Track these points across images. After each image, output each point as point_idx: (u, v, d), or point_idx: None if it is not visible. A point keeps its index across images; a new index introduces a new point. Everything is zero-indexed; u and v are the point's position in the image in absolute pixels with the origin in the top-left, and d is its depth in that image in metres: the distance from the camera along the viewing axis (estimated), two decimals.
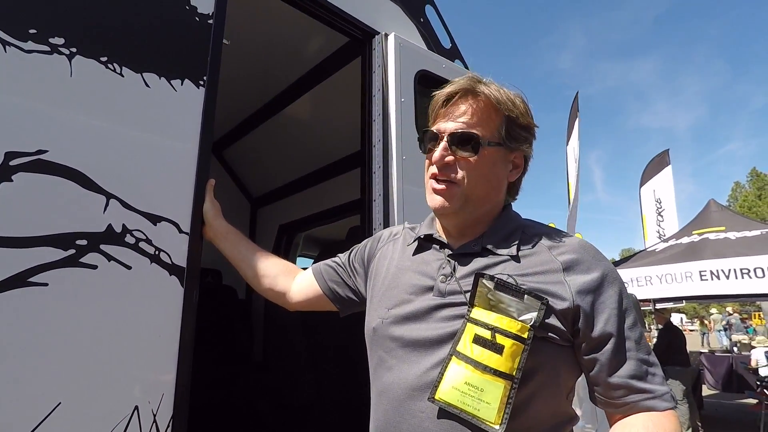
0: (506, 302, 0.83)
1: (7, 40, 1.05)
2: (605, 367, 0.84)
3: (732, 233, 6.05)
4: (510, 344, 0.80)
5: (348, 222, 3.30)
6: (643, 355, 0.85)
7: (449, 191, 0.93)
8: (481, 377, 0.79)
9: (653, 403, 0.83)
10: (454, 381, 0.80)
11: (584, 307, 0.85)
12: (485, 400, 0.78)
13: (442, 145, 0.93)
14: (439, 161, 0.93)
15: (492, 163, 0.95)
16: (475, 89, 0.93)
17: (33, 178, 1.05)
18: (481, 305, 0.85)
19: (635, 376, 0.84)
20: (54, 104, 1.11)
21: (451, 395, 0.79)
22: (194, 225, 1.31)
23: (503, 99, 0.93)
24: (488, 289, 0.85)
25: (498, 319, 0.82)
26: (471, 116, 0.93)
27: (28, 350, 0.99)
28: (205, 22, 1.44)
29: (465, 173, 0.93)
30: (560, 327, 0.84)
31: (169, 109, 1.31)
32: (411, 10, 2.35)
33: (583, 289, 0.86)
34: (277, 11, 2.25)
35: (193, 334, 1.26)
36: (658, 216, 11.47)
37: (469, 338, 0.82)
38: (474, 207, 0.96)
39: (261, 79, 3.03)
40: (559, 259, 0.90)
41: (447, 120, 0.95)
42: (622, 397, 0.84)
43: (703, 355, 8.76)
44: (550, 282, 0.87)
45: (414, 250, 1.04)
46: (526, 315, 0.82)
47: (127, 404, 1.10)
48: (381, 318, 0.97)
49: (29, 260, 1.01)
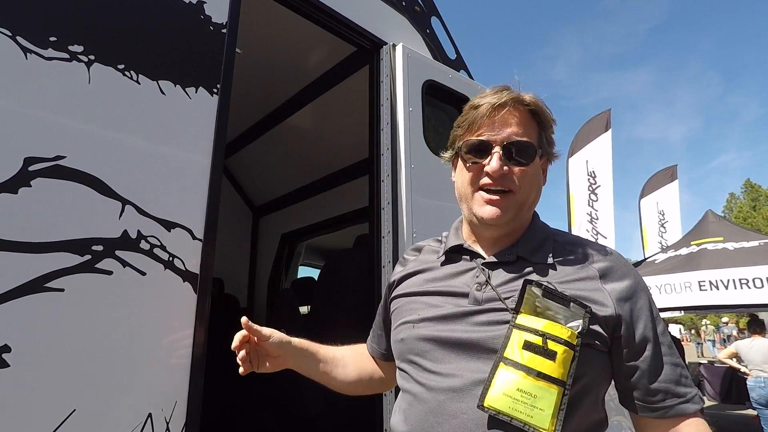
0: (554, 309, 0.83)
1: (29, 48, 1.06)
2: (646, 372, 0.86)
3: (730, 244, 6.08)
4: (562, 350, 0.80)
5: (352, 230, 3.30)
6: (676, 359, 0.88)
7: (504, 201, 0.93)
8: (534, 383, 0.78)
9: (686, 407, 0.86)
10: (504, 387, 0.79)
11: (624, 315, 0.86)
12: (539, 406, 0.77)
13: (497, 155, 0.91)
14: (498, 171, 0.91)
15: (538, 171, 0.97)
16: (523, 99, 0.94)
17: (51, 183, 1.05)
18: (527, 311, 0.84)
19: (672, 380, 0.86)
20: (72, 111, 1.12)
21: (502, 402, 0.78)
22: (207, 231, 1.32)
23: (541, 107, 0.96)
24: (536, 296, 0.85)
25: (548, 326, 0.82)
26: (519, 126, 0.93)
27: (45, 356, 0.99)
28: (219, 32, 1.46)
29: (520, 182, 0.93)
30: (602, 334, 0.85)
31: (184, 116, 1.32)
32: (418, 21, 2.39)
33: (622, 296, 0.87)
34: (286, 20, 2.28)
35: (205, 341, 1.25)
36: (660, 227, 11.36)
37: (517, 344, 0.81)
38: (521, 216, 0.96)
39: (267, 87, 3.06)
40: (594, 266, 0.91)
41: (496, 130, 0.93)
42: (661, 402, 0.86)
43: (702, 366, 8.74)
44: (589, 289, 0.87)
45: (443, 261, 1.03)
46: (573, 322, 0.82)
47: (141, 411, 1.09)
48: (411, 324, 0.96)
49: (46, 265, 1.01)
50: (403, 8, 2.32)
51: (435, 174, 2.02)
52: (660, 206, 11.52)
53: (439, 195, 2.01)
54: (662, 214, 11.43)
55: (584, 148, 9.44)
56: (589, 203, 9.14)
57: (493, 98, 0.93)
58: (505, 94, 0.93)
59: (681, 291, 5.99)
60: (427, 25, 2.47)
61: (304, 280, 3.60)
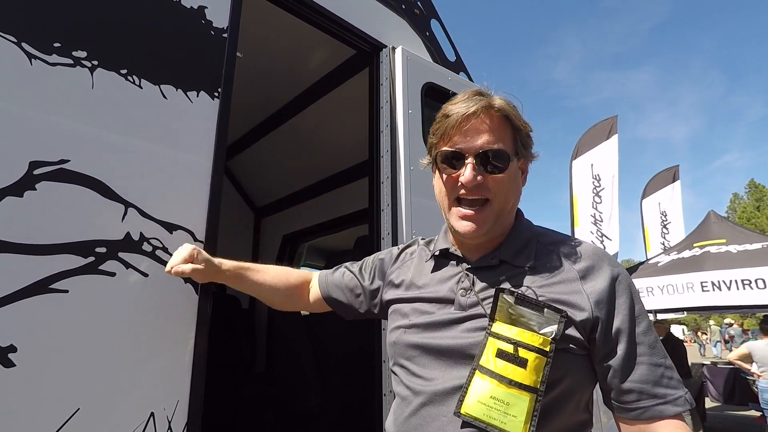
0: (527, 316, 0.84)
1: (34, 54, 1.08)
2: (618, 372, 0.85)
3: (733, 246, 6.06)
4: (533, 358, 0.81)
5: (352, 232, 3.32)
6: (657, 359, 0.86)
7: (481, 215, 0.92)
8: (507, 391, 0.80)
9: (665, 408, 0.83)
10: (479, 395, 0.81)
11: (601, 316, 0.86)
12: (511, 413, 0.79)
13: (471, 165, 0.90)
14: (472, 181, 0.90)
15: (515, 176, 0.96)
16: (493, 105, 0.92)
17: (55, 186, 1.07)
18: (501, 319, 0.86)
19: (649, 380, 0.84)
20: (76, 115, 1.14)
21: (477, 409, 0.80)
22: (209, 233, 1.33)
23: (512, 110, 0.94)
24: (509, 303, 0.86)
25: (519, 333, 0.83)
26: (491, 132, 0.91)
27: (49, 356, 1.01)
28: (220, 36, 1.48)
29: (495, 191, 0.92)
30: (579, 337, 0.85)
31: (185, 120, 1.34)
32: (417, 24, 2.40)
33: (600, 298, 0.87)
34: (286, 24, 2.30)
35: (206, 341, 1.27)
36: (663, 228, 11.22)
37: (491, 352, 0.83)
38: (501, 222, 0.96)
39: (268, 90, 3.08)
40: (575, 267, 0.91)
41: (468, 138, 0.92)
42: (634, 402, 0.85)
43: (705, 366, 8.71)
44: (568, 292, 0.88)
45: (432, 265, 1.05)
46: (546, 328, 0.83)
47: (143, 411, 1.11)
48: (403, 329, 0.98)
49: (51, 267, 1.03)
50: (402, 11, 2.34)
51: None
52: (662, 207, 11.37)
53: None
54: (664, 215, 11.30)
55: (589, 152, 9.32)
56: (593, 205, 9.02)
57: (463, 107, 0.92)
58: (474, 102, 0.92)
59: (683, 292, 5.98)
60: (427, 27, 2.49)
61: None
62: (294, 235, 3.93)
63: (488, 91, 0.96)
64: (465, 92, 0.97)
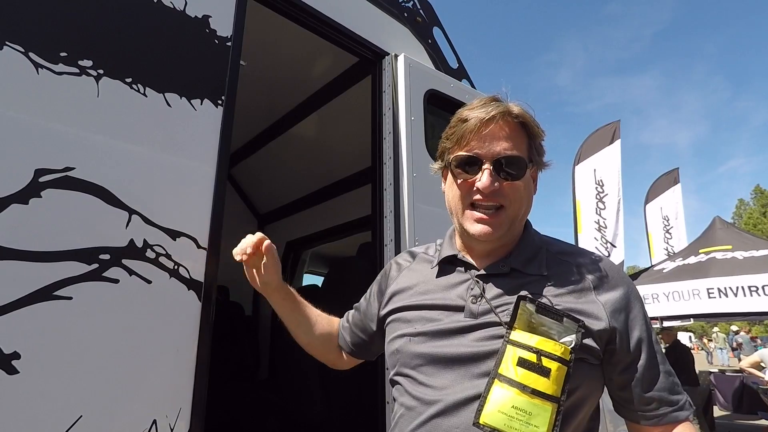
0: (547, 325, 0.84)
1: (40, 63, 1.10)
2: (640, 382, 0.87)
3: (739, 252, 6.01)
4: (556, 367, 0.80)
5: (356, 239, 3.32)
6: (668, 367, 0.90)
7: (497, 219, 0.92)
8: (529, 401, 0.78)
9: (679, 414, 0.88)
10: (499, 404, 0.79)
11: (618, 326, 0.87)
12: (534, 423, 0.77)
13: (488, 171, 0.89)
14: (489, 187, 0.89)
15: (529, 184, 0.96)
16: (511, 111, 0.92)
17: (60, 194, 1.08)
18: (521, 327, 0.84)
19: (666, 388, 0.88)
20: (81, 123, 1.15)
21: (497, 419, 0.78)
22: (212, 240, 1.34)
23: (529, 118, 0.94)
24: (529, 311, 0.85)
25: (542, 342, 0.82)
26: (509, 139, 0.91)
27: (53, 363, 1.01)
28: (224, 45, 1.50)
29: (511, 197, 0.92)
30: (595, 347, 0.85)
31: (189, 128, 1.35)
32: (419, 31, 2.42)
33: (616, 308, 0.88)
34: (289, 32, 2.32)
35: (209, 348, 1.27)
36: (666, 233, 11.11)
37: (512, 361, 0.81)
38: (514, 228, 0.96)
39: (271, 97, 3.10)
40: (588, 277, 0.91)
41: (486, 144, 0.91)
42: (655, 410, 0.88)
43: (712, 374, 8.61)
44: (583, 302, 0.88)
45: (437, 272, 1.03)
46: (566, 337, 0.82)
47: (146, 418, 1.11)
48: (408, 337, 0.95)
49: (55, 274, 1.04)
50: (405, 19, 2.36)
51: (437, 182, 2.02)
52: (664, 212, 11.24)
53: (441, 203, 1.96)
54: (666, 219, 11.18)
55: (592, 157, 9.28)
56: (596, 211, 8.96)
57: (482, 112, 0.91)
58: (493, 107, 0.91)
59: (689, 299, 5.93)
60: (429, 35, 2.50)
61: (309, 288, 3.62)
62: (297, 241, 3.94)
63: (504, 97, 0.96)
64: (481, 98, 0.97)
